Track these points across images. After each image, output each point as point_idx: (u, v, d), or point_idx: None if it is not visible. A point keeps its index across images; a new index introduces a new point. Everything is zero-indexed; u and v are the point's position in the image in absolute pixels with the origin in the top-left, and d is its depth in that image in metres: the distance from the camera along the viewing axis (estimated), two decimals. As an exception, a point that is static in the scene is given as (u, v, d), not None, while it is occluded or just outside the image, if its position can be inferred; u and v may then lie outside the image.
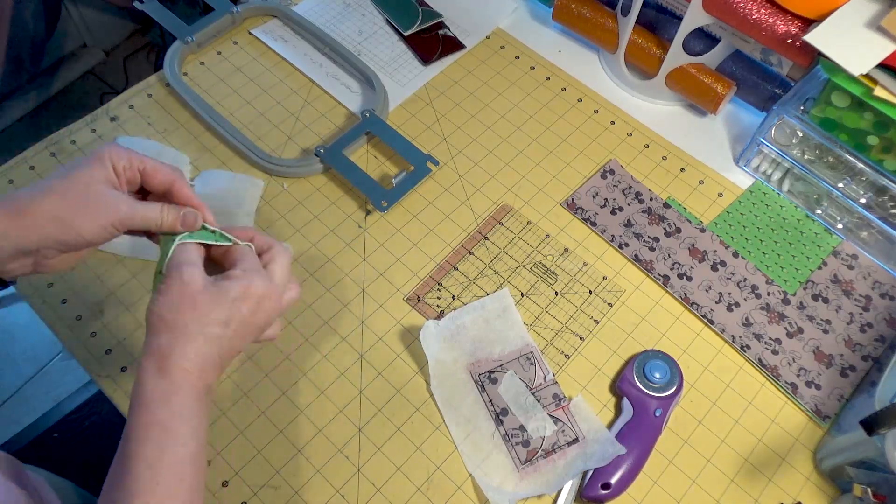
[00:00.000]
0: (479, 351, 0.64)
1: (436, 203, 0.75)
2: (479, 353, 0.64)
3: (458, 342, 0.64)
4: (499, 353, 0.64)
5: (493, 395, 0.62)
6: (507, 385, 0.62)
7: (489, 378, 0.63)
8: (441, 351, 0.63)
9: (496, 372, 0.63)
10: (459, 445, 0.60)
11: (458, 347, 0.64)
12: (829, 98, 0.67)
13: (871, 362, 0.66)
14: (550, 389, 0.62)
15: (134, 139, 0.77)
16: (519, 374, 0.63)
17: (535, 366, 0.63)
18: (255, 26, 0.88)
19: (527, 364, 0.63)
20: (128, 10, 1.74)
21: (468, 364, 0.64)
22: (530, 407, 0.61)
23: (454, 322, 0.65)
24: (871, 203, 0.70)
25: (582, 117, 0.82)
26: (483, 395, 0.62)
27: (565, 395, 0.63)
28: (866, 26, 0.64)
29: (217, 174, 0.75)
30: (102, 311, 0.67)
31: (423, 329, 0.63)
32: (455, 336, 0.64)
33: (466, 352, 0.64)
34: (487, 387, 0.62)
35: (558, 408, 0.61)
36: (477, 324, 0.65)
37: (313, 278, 0.70)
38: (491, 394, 0.62)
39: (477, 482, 0.59)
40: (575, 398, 0.62)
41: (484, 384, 0.63)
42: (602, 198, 0.75)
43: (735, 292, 0.70)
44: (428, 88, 0.84)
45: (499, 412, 0.61)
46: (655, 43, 0.80)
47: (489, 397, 0.62)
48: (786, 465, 0.62)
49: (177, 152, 0.76)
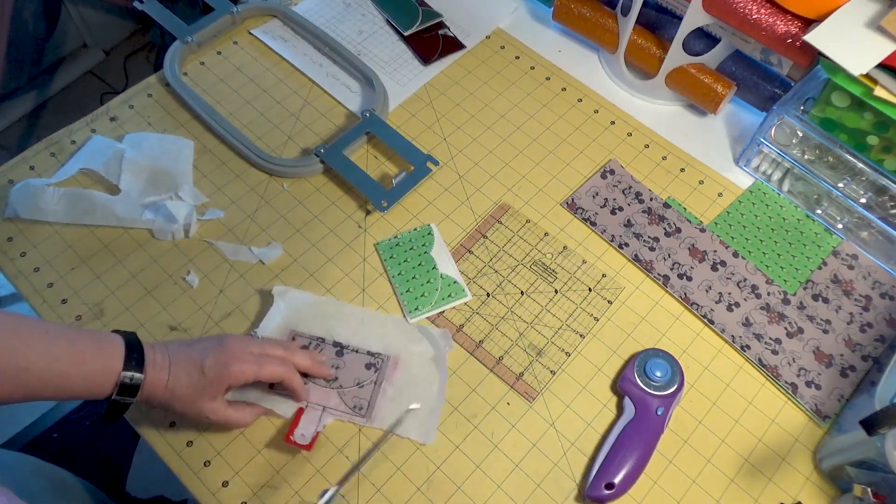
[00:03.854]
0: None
1: (436, 203, 0.75)
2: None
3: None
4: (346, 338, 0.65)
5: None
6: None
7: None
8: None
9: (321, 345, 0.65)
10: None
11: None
12: (829, 98, 0.67)
13: (871, 362, 0.66)
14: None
15: (138, 135, 0.77)
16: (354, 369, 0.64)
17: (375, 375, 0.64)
18: (255, 26, 0.88)
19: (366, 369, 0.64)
20: (128, 10, 1.74)
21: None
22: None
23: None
24: (871, 203, 0.70)
25: (582, 117, 0.82)
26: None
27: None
28: (866, 26, 0.64)
29: (144, 136, 0.77)
30: (102, 311, 0.67)
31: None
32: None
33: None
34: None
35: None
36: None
37: (313, 278, 0.70)
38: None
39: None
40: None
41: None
42: (602, 198, 0.75)
43: (735, 292, 0.70)
44: (428, 88, 0.84)
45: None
46: (655, 43, 0.80)
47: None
48: (786, 465, 0.62)
49: (179, 137, 0.78)
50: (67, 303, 0.67)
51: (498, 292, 0.69)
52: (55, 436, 1.25)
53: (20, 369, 0.47)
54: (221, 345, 0.56)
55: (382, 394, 0.63)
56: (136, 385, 0.52)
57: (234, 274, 0.70)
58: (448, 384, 0.64)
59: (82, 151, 0.76)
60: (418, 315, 0.67)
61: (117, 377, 0.51)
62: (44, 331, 0.49)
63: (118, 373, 0.51)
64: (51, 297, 0.68)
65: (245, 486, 0.59)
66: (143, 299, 0.68)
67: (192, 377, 0.54)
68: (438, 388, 0.63)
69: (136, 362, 0.52)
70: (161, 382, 0.53)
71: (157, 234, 0.71)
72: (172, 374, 0.54)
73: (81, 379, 0.50)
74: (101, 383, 0.51)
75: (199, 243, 0.71)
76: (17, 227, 0.71)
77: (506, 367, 0.65)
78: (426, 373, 0.64)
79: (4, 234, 0.71)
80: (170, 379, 0.54)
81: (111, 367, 0.51)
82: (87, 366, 0.50)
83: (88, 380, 0.50)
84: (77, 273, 0.69)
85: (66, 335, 0.50)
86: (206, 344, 0.56)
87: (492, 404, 0.64)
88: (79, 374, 0.50)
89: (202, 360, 0.55)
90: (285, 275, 0.70)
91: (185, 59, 0.85)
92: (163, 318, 0.67)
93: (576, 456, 0.61)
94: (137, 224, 0.71)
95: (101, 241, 0.71)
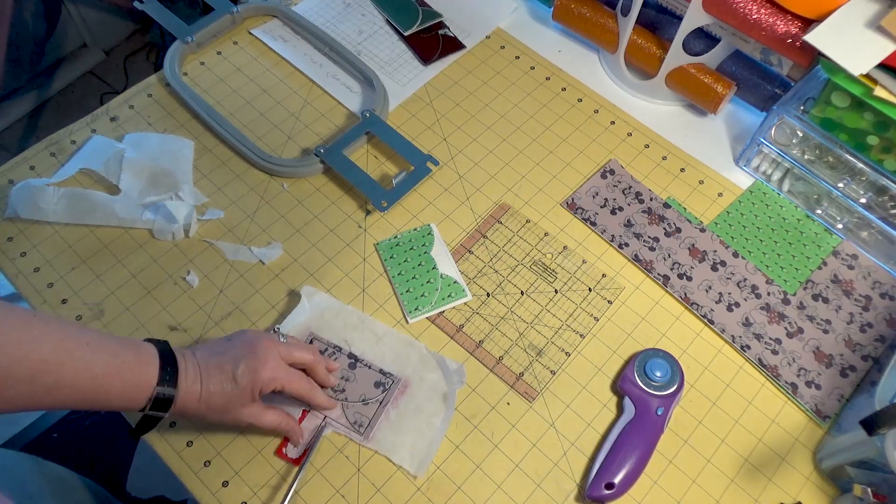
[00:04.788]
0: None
1: (436, 203, 0.75)
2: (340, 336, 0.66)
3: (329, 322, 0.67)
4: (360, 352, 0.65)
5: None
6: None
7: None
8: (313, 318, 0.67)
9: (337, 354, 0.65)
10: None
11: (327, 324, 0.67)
12: (829, 98, 0.67)
13: (871, 362, 0.66)
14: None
15: (138, 135, 0.77)
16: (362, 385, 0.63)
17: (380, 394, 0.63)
18: (255, 26, 0.88)
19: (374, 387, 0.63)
20: (128, 10, 1.74)
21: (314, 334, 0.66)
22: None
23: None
24: (871, 203, 0.70)
25: (582, 117, 0.82)
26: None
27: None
28: (866, 26, 0.64)
29: (144, 136, 0.77)
30: (103, 312, 0.67)
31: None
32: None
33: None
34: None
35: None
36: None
37: (313, 278, 0.70)
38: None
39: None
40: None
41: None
42: (602, 198, 0.75)
43: (735, 292, 0.70)
44: (428, 88, 0.84)
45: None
46: (655, 43, 0.80)
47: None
48: (786, 465, 0.62)
49: (179, 137, 0.78)
50: (67, 303, 0.67)
51: (498, 292, 0.69)
52: (55, 436, 1.25)
53: (64, 385, 0.47)
54: (253, 351, 0.55)
55: (385, 416, 0.62)
56: (169, 399, 0.51)
57: (234, 274, 0.70)
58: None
59: (82, 151, 0.76)
60: (418, 315, 0.67)
61: (152, 391, 0.50)
62: (86, 343, 0.48)
63: (153, 387, 0.50)
64: (51, 297, 0.68)
65: (245, 486, 0.59)
66: (143, 299, 0.68)
67: (225, 386, 0.54)
68: (441, 422, 0.62)
69: (169, 377, 0.51)
70: (194, 395, 0.53)
71: (157, 234, 0.71)
72: (204, 385, 0.53)
73: (118, 393, 0.49)
74: (135, 398, 0.50)
75: (199, 243, 0.71)
76: (17, 227, 0.71)
77: (506, 367, 0.65)
78: (433, 405, 0.63)
79: (4, 234, 0.71)
80: (202, 391, 0.53)
81: (147, 382, 0.50)
82: (125, 381, 0.49)
83: (125, 395, 0.50)
84: (77, 273, 0.69)
85: (107, 348, 0.49)
86: (236, 349, 0.55)
87: (492, 404, 0.64)
88: (117, 390, 0.49)
89: (233, 369, 0.54)
90: (285, 275, 0.70)
91: (185, 59, 0.85)
92: (163, 318, 0.67)
93: (576, 456, 0.61)
94: (137, 224, 0.71)
95: (101, 241, 0.71)
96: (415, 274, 0.70)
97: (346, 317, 0.67)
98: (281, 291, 0.69)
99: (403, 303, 0.68)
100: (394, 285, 0.69)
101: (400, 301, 0.68)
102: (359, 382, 0.63)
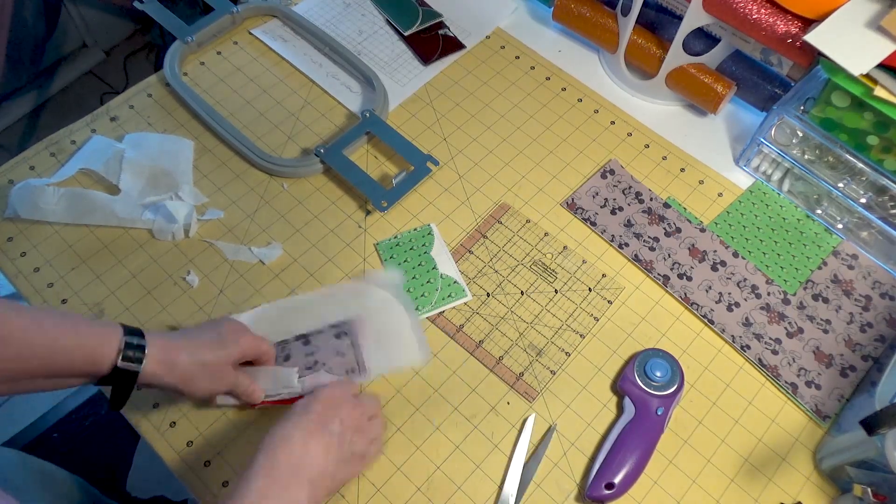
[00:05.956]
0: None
1: (436, 203, 0.75)
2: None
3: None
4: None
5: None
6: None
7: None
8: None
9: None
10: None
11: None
12: (829, 98, 0.67)
13: (871, 362, 0.66)
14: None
15: (138, 135, 0.77)
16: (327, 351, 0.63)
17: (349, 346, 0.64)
18: (255, 26, 0.88)
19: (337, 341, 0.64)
20: (128, 10, 1.74)
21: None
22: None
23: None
24: (871, 203, 0.70)
25: (582, 117, 0.82)
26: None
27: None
28: (866, 26, 0.64)
29: (144, 136, 0.77)
30: (103, 311, 0.67)
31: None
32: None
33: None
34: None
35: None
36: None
37: (313, 278, 0.70)
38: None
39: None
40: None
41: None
42: (602, 198, 0.75)
43: (735, 292, 0.70)
44: (428, 88, 0.84)
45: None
46: (655, 43, 0.80)
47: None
48: (786, 465, 0.62)
49: (179, 137, 0.78)
50: (67, 303, 0.67)
51: (498, 292, 0.69)
52: (55, 436, 1.25)
53: (25, 348, 0.46)
54: (227, 319, 0.59)
55: (365, 349, 0.64)
56: (139, 355, 0.50)
57: (234, 274, 0.70)
58: (448, 384, 0.64)
59: (82, 151, 0.76)
60: (418, 315, 0.67)
61: (119, 343, 0.49)
62: (48, 314, 0.49)
63: (120, 339, 0.49)
64: (51, 297, 0.68)
65: (245, 486, 0.59)
66: (143, 299, 0.68)
67: (207, 334, 0.55)
68: (406, 310, 0.65)
69: (135, 333, 0.51)
70: (166, 345, 0.52)
71: (157, 234, 0.71)
72: (176, 338, 0.53)
73: (79, 351, 0.48)
74: (102, 355, 0.49)
75: (199, 243, 0.71)
76: (17, 227, 0.71)
77: (506, 367, 0.65)
78: (389, 310, 0.66)
79: (4, 234, 0.71)
80: (174, 342, 0.53)
81: (110, 335, 0.49)
82: (84, 338, 0.49)
83: (86, 351, 0.49)
84: (77, 273, 0.69)
85: (70, 317, 0.50)
86: (203, 327, 0.58)
87: (492, 404, 0.64)
88: (76, 345, 0.48)
89: (211, 327, 0.56)
90: (285, 275, 0.70)
91: (185, 59, 0.85)
92: (163, 318, 0.67)
93: (576, 456, 0.61)
94: (137, 224, 0.71)
95: (101, 241, 0.71)
96: (415, 274, 0.70)
97: (277, 310, 0.67)
98: (281, 292, 0.69)
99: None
100: (394, 285, 0.69)
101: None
102: (322, 348, 0.64)
